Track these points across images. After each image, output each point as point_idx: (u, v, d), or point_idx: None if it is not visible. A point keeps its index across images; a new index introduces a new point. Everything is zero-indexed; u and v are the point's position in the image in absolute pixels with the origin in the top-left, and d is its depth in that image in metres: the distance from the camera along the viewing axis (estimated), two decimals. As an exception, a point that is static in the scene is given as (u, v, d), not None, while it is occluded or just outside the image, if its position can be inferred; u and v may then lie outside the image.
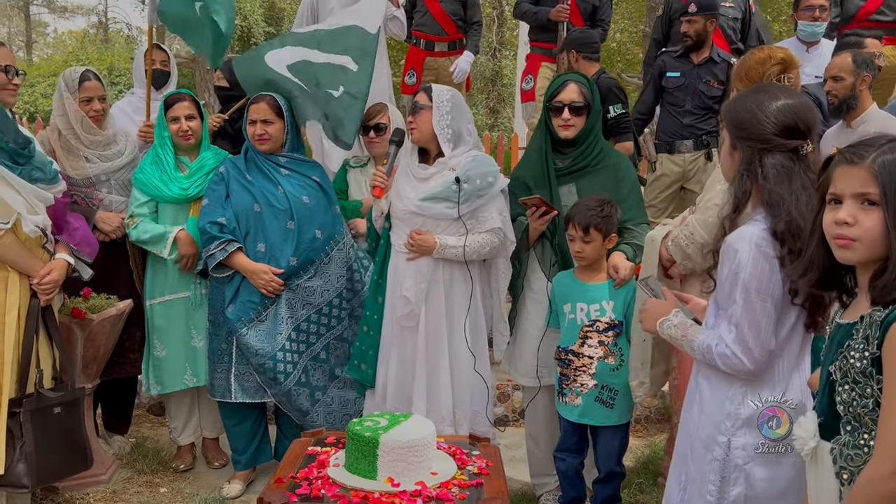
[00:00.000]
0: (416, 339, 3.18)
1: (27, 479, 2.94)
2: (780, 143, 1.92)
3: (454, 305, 3.20)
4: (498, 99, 19.95)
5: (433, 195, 3.13)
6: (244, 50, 16.58)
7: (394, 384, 3.22)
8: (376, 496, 2.11)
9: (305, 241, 3.41)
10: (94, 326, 3.42)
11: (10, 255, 2.94)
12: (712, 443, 1.98)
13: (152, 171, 3.61)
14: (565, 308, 3.12)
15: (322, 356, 3.51)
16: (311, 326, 3.47)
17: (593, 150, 3.24)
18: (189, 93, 3.79)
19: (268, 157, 3.50)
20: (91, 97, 3.64)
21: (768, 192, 1.90)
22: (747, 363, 1.91)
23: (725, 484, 1.96)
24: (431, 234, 3.14)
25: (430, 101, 3.17)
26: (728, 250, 1.93)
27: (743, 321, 1.90)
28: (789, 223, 1.86)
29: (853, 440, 1.52)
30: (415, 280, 3.15)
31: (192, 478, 3.78)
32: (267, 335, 3.39)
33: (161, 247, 3.53)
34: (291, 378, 3.42)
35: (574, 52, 4.68)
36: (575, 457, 3.16)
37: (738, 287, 1.89)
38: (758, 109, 1.94)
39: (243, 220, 3.42)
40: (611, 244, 3.08)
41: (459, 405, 3.20)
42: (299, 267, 3.41)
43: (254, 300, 3.39)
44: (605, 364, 3.02)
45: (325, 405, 3.51)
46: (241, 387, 3.45)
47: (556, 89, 3.24)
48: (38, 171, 3.02)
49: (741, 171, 1.96)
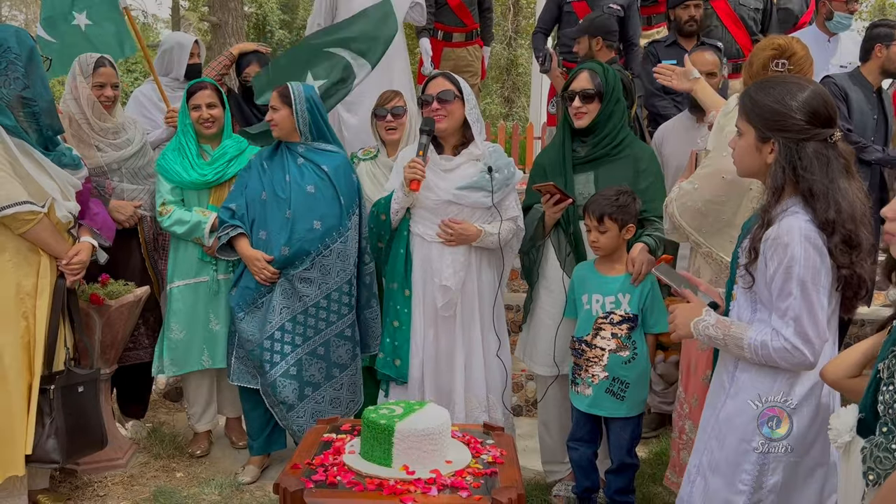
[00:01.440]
0: (454, 328, 3.22)
1: (57, 454, 3.02)
2: (816, 132, 1.92)
3: (484, 292, 3.26)
4: (513, 88, 19.86)
5: (471, 184, 3.16)
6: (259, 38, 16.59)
7: (431, 375, 3.23)
8: (391, 483, 2.12)
9: (300, 231, 3.38)
10: (112, 312, 3.45)
11: (45, 238, 3.00)
12: (751, 434, 1.98)
13: (174, 158, 3.67)
14: (583, 298, 3.12)
15: (321, 352, 3.44)
16: (308, 319, 3.41)
17: (613, 139, 3.22)
18: (212, 81, 3.84)
19: (288, 146, 3.51)
20: (104, 83, 3.68)
21: (811, 183, 1.90)
22: (809, 356, 1.91)
23: (763, 473, 1.98)
24: (471, 223, 3.17)
25: (459, 92, 3.18)
26: (776, 245, 1.91)
27: (802, 314, 1.89)
28: (839, 211, 1.87)
29: (886, 443, 1.50)
30: (454, 269, 3.17)
31: (207, 463, 3.82)
32: (258, 323, 3.42)
33: (199, 234, 3.59)
34: (277, 369, 3.38)
35: (600, 38, 4.64)
36: (588, 446, 3.17)
37: (794, 280, 1.89)
38: (790, 100, 1.94)
39: (251, 207, 3.47)
40: (629, 235, 3.06)
41: (492, 390, 3.28)
42: (292, 257, 3.37)
43: (250, 286, 3.44)
44: (617, 356, 3.02)
45: (314, 402, 3.44)
46: (238, 370, 3.53)
47: (571, 78, 3.24)
48: (65, 157, 3.08)
49: (780, 163, 1.95)
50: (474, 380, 3.25)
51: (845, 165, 1.95)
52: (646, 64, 4.77)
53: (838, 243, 1.87)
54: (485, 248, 3.24)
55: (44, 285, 3.02)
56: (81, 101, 3.64)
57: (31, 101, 2.91)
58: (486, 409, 3.26)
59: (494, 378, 3.30)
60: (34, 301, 3.00)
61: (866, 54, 4.41)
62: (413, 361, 3.22)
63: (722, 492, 2.03)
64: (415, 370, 3.23)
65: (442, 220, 3.18)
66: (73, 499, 3.35)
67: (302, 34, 18.51)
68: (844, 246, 1.88)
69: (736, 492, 2.01)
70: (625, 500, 3.14)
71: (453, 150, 3.25)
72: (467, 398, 3.23)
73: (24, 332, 2.98)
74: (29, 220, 2.92)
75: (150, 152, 3.87)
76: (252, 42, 5.56)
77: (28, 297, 2.99)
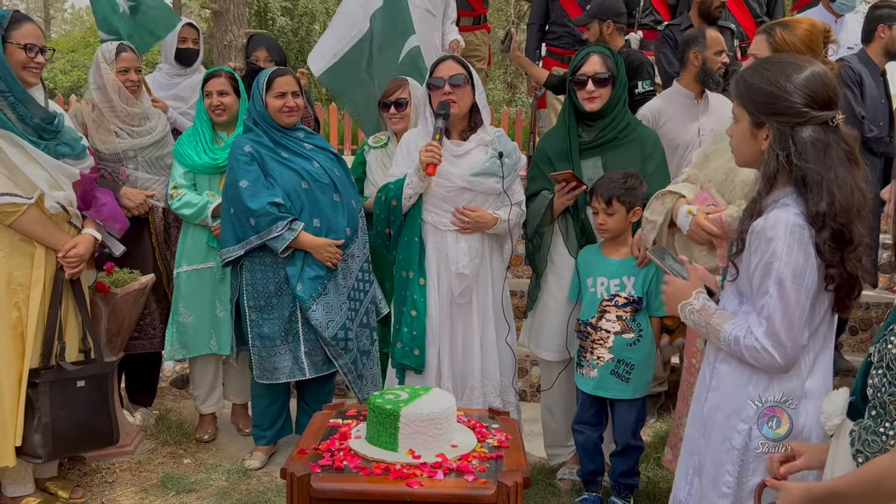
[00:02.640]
0: (471, 315, 3.24)
1: (42, 449, 2.99)
2: (814, 115, 1.78)
3: (495, 278, 3.28)
4: (516, 74, 19.78)
5: (484, 171, 3.16)
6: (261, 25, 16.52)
7: (448, 363, 3.24)
8: (397, 467, 2.13)
9: (352, 210, 3.50)
10: (118, 300, 3.46)
11: (35, 230, 2.98)
12: (731, 431, 1.89)
13: (188, 143, 3.72)
14: (588, 281, 3.13)
15: (365, 321, 3.60)
16: (355, 294, 3.55)
17: (620, 123, 3.22)
18: (228, 70, 3.87)
19: (288, 133, 3.50)
20: (128, 67, 3.70)
21: (805, 171, 1.76)
22: (778, 358, 1.81)
23: (744, 473, 1.88)
24: (486, 211, 3.18)
25: (469, 76, 3.16)
26: (760, 238, 1.80)
27: (775, 314, 1.79)
28: (832, 203, 1.74)
29: (874, 426, 1.48)
30: (470, 256, 3.18)
31: (214, 449, 3.85)
32: (334, 307, 3.44)
33: (204, 216, 3.61)
34: (354, 344, 3.51)
35: (610, 21, 4.60)
36: (593, 429, 3.18)
37: (772, 278, 1.78)
38: (785, 81, 1.80)
39: (295, 197, 3.40)
40: (635, 218, 3.07)
41: (505, 373, 3.32)
42: (353, 235, 3.49)
43: (321, 275, 3.40)
44: (622, 338, 3.03)
45: (368, 368, 3.61)
46: (312, 363, 3.44)
47: (580, 62, 3.21)
48: (65, 147, 3.06)
49: (773, 149, 1.80)
50: (490, 365, 3.27)
51: (847, 152, 1.79)
52: (663, 48, 4.75)
53: (827, 239, 1.74)
54: (494, 234, 3.25)
55: (38, 276, 3.00)
56: (107, 88, 3.64)
57: (5, 92, 2.90)
58: (500, 392, 3.29)
59: (506, 363, 3.33)
60: (27, 291, 2.99)
61: (869, 36, 4.37)
62: (430, 350, 3.21)
63: (709, 494, 1.95)
64: (432, 358, 3.22)
65: (456, 208, 3.16)
66: (82, 485, 3.37)
67: (304, 21, 18.45)
68: (834, 242, 1.74)
69: (720, 495, 1.91)
70: (629, 482, 3.16)
71: (460, 136, 3.24)
72: (483, 384, 3.26)
73: (15, 323, 2.97)
74: (11, 212, 2.89)
75: (170, 143, 3.84)
76: (253, 29, 5.57)
77: (21, 288, 2.97)
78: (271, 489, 3.39)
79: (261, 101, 3.44)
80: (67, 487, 3.29)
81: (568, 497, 3.32)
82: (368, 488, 2.07)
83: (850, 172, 1.78)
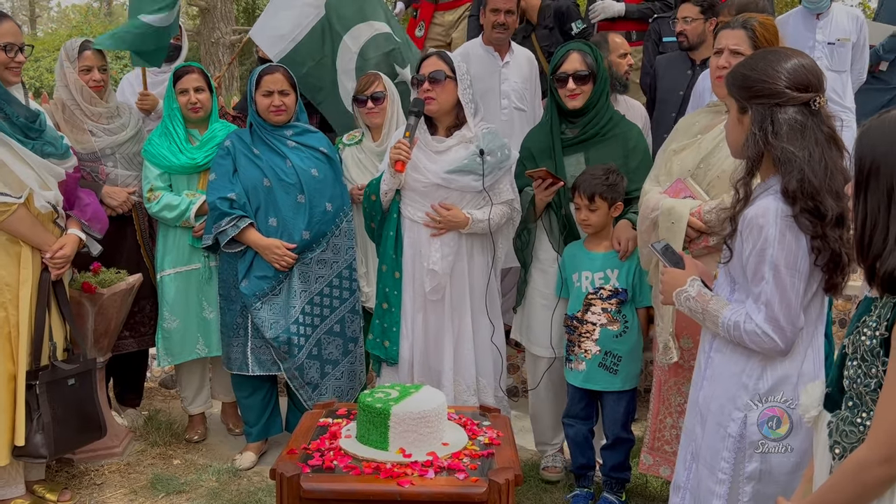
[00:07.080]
0: (442, 312, 3.22)
1: (45, 449, 3.00)
2: (792, 96, 1.84)
3: (475, 277, 3.25)
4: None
5: (460, 168, 3.13)
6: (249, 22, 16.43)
7: (420, 358, 3.25)
8: (388, 466, 2.12)
9: (317, 214, 3.42)
10: (105, 301, 3.43)
11: (23, 230, 2.95)
12: (726, 419, 1.93)
13: (161, 143, 3.63)
14: (573, 277, 3.14)
15: (337, 329, 3.52)
16: (324, 300, 3.48)
17: (602, 119, 3.22)
18: (198, 65, 3.80)
19: (273, 131, 3.48)
20: (91, 66, 3.62)
21: (780, 150, 1.82)
22: (779, 342, 1.86)
23: (740, 461, 1.92)
24: (459, 210, 3.16)
25: (452, 72, 3.14)
26: (752, 226, 1.85)
27: (773, 299, 1.84)
28: (801, 181, 1.79)
29: (851, 416, 1.50)
30: (442, 253, 3.16)
31: (204, 449, 3.82)
32: (281, 309, 3.41)
33: (186, 217, 3.57)
34: (304, 351, 3.44)
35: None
36: (583, 423, 3.19)
37: (766, 264, 1.83)
38: (768, 67, 1.87)
39: (253, 194, 3.40)
40: (617, 212, 3.09)
41: (483, 373, 3.29)
42: (312, 241, 3.42)
43: (267, 275, 3.39)
44: (608, 330, 3.05)
45: (334, 378, 3.54)
46: (257, 360, 3.48)
47: (560, 61, 3.21)
48: (49, 146, 3.03)
49: (753, 131, 1.87)
50: (464, 364, 3.25)
51: (829, 135, 1.85)
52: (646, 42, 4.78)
53: (801, 214, 1.80)
54: (478, 234, 3.22)
55: (26, 276, 2.98)
56: (70, 88, 3.60)
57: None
58: (476, 392, 3.27)
59: (486, 363, 3.30)
60: (15, 291, 2.97)
61: None
62: (403, 343, 3.25)
63: (706, 480, 1.99)
64: (405, 352, 3.25)
65: (431, 206, 3.16)
66: (70, 488, 3.35)
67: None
68: (809, 215, 1.80)
69: (717, 481, 1.95)
70: (621, 476, 3.16)
71: (447, 132, 3.23)
72: (456, 381, 3.24)
73: (2, 323, 2.95)
74: (1, 211, 2.87)
75: (145, 139, 3.82)
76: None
77: (8, 288, 2.95)
78: (262, 489, 3.38)
79: (251, 98, 3.46)
80: (55, 490, 3.27)
81: (560, 493, 3.32)
82: (359, 488, 2.06)
83: (828, 155, 1.83)
